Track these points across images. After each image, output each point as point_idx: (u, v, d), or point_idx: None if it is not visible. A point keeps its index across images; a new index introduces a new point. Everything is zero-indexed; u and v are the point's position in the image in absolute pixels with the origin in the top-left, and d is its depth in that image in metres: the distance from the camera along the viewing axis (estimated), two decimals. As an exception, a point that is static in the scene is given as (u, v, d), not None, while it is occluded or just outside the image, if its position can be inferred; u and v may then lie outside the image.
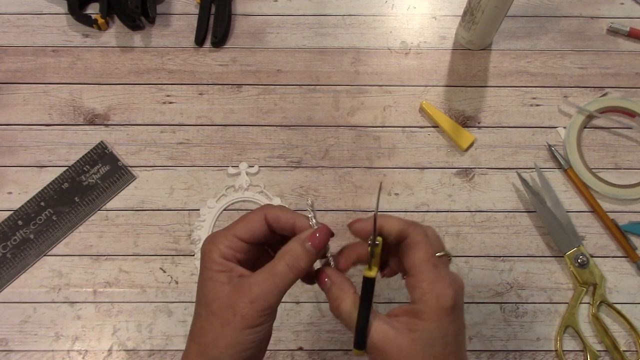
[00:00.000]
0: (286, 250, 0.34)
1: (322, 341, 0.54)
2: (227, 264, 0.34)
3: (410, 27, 0.65)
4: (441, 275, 0.32)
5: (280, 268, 0.33)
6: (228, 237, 0.34)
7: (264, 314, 0.32)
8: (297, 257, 0.33)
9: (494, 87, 0.62)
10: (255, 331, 0.32)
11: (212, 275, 0.33)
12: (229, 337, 0.32)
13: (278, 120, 0.61)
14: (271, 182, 0.59)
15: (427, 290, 0.32)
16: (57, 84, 0.62)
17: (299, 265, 0.33)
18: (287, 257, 0.33)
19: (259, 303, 0.32)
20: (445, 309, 0.31)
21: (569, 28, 0.65)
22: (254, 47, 0.64)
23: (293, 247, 0.34)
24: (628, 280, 0.56)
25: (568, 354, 0.53)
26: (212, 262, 0.34)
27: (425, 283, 0.32)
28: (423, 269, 0.32)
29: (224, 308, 0.32)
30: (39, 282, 0.55)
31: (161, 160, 0.59)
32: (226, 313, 0.32)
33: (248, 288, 0.32)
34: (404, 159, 0.59)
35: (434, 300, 0.31)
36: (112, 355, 0.53)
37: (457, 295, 0.32)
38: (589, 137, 0.60)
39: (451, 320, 0.32)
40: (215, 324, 0.32)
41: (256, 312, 0.32)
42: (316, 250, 0.34)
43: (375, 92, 0.62)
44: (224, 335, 0.32)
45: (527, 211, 0.58)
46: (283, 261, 0.33)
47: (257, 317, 0.32)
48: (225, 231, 0.35)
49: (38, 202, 0.57)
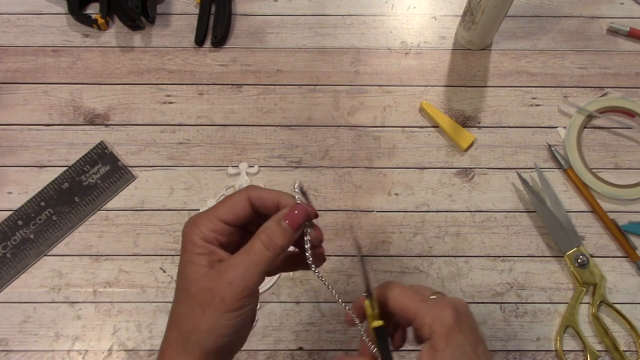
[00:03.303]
0: (263, 229, 0.33)
1: (322, 341, 0.54)
2: (208, 246, 0.33)
3: (410, 27, 0.65)
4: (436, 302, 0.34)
5: (257, 247, 0.32)
6: (210, 219, 0.33)
7: (243, 296, 0.31)
8: (272, 235, 0.32)
9: (494, 87, 0.62)
10: (237, 315, 0.32)
11: (192, 258, 0.33)
12: (210, 321, 0.31)
13: (278, 120, 0.61)
14: (271, 182, 0.59)
15: (431, 321, 0.33)
16: (57, 84, 0.62)
17: (275, 244, 0.32)
18: (263, 235, 0.33)
19: (238, 284, 0.31)
20: (452, 327, 0.32)
21: (569, 28, 0.65)
22: (254, 47, 0.64)
23: (269, 226, 0.33)
24: (628, 280, 0.56)
25: (568, 354, 0.53)
26: (192, 245, 0.33)
27: (427, 317, 0.33)
28: (419, 308, 0.34)
29: (203, 291, 0.32)
30: (39, 282, 0.55)
31: (161, 160, 0.59)
32: (205, 296, 0.31)
33: (226, 270, 0.32)
34: (404, 159, 0.59)
35: (439, 324, 0.32)
36: (112, 355, 0.53)
37: (457, 312, 0.33)
38: (589, 137, 0.60)
39: (462, 335, 0.32)
40: (195, 309, 0.32)
41: (235, 294, 0.31)
42: (292, 228, 0.33)
43: (375, 92, 0.62)
44: (204, 320, 0.31)
45: (527, 211, 0.58)
46: (259, 240, 0.32)
47: (237, 299, 0.31)
48: (207, 213, 0.34)
49: (38, 202, 0.57)
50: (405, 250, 0.56)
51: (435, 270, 0.56)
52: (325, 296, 0.55)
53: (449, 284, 0.55)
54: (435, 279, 0.56)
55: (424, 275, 0.56)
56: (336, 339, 0.54)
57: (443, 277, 0.56)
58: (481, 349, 0.33)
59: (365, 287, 0.35)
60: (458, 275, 0.56)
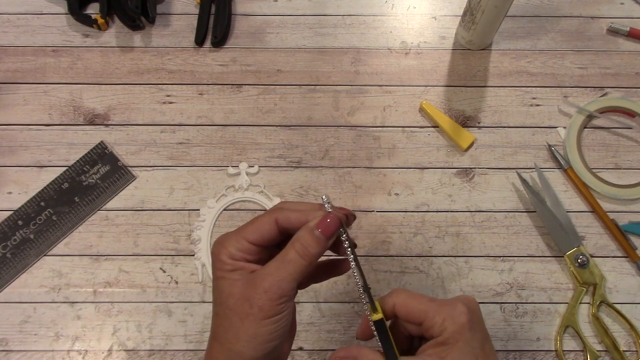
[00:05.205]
0: (296, 238, 0.34)
1: (322, 341, 0.54)
2: (237, 263, 0.34)
3: (410, 27, 0.65)
4: (447, 301, 0.34)
5: (291, 256, 0.33)
6: (237, 239, 0.34)
7: (280, 302, 0.32)
8: (306, 244, 0.33)
9: (494, 87, 0.62)
10: (274, 321, 0.32)
11: (224, 275, 0.34)
12: (250, 330, 0.32)
13: (278, 120, 0.61)
14: (271, 182, 0.59)
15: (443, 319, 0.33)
16: (57, 84, 0.62)
17: (309, 252, 0.33)
18: (297, 244, 0.33)
19: (274, 292, 0.32)
20: (464, 325, 0.33)
21: (569, 28, 0.65)
22: (254, 47, 0.64)
23: (302, 235, 0.34)
24: (628, 280, 0.56)
25: (568, 354, 0.53)
26: (221, 263, 0.34)
27: (438, 316, 0.33)
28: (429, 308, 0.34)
29: (240, 302, 0.33)
30: (39, 282, 0.55)
31: (161, 160, 0.59)
32: (243, 306, 0.32)
33: (261, 279, 0.33)
34: (404, 159, 0.59)
35: (451, 322, 0.33)
36: (112, 355, 0.53)
37: (469, 309, 0.34)
38: (589, 137, 0.60)
39: (473, 333, 0.33)
40: (234, 319, 0.33)
41: (272, 301, 0.32)
42: (325, 236, 0.34)
43: (375, 92, 0.62)
44: (244, 329, 0.32)
45: (527, 211, 0.58)
46: (293, 249, 0.33)
47: (274, 305, 0.32)
48: (235, 233, 0.35)
49: (38, 202, 0.57)
50: (405, 250, 0.56)
51: (435, 270, 0.56)
52: (325, 296, 0.55)
53: (449, 284, 0.55)
54: (435, 279, 0.56)
55: (424, 275, 0.56)
56: (336, 339, 0.54)
57: (443, 277, 0.56)
58: (488, 346, 0.34)
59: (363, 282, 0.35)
60: (458, 275, 0.56)
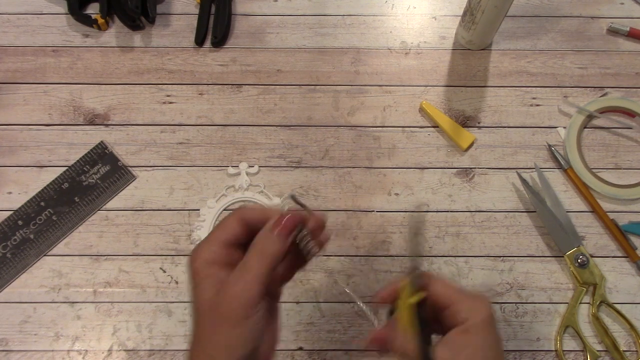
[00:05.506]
0: (255, 242, 0.35)
1: (322, 341, 0.54)
2: (209, 271, 0.35)
3: (410, 27, 0.65)
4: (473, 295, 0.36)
5: (252, 260, 0.34)
6: (209, 243, 0.35)
7: (247, 308, 0.33)
8: (265, 245, 0.34)
9: (494, 87, 0.62)
10: (245, 325, 0.33)
11: (197, 283, 0.35)
12: (222, 338, 0.33)
13: (278, 120, 0.61)
14: (271, 182, 0.59)
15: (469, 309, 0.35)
16: (57, 84, 0.62)
17: (268, 252, 0.34)
18: (256, 247, 0.34)
19: (239, 299, 0.33)
20: (488, 319, 0.35)
21: (569, 28, 0.65)
22: (254, 47, 0.64)
23: (260, 237, 0.35)
24: (628, 280, 0.56)
25: (568, 354, 0.53)
26: (195, 272, 0.35)
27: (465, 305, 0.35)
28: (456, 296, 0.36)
29: (210, 311, 0.33)
30: (39, 282, 0.55)
31: (161, 160, 0.59)
32: (213, 316, 0.33)
33: (227, 287, 0.33)
34: (404, 159, 0.59)
35: (477, 313, 0.35)
36: (112, 355, 0.53)
37: (491, 307, 0.36)
38: (589, 137, 0.60)
39: (493, 329, 0.35)
40: (207, 327, 0.33)
41: (240, 308, 0.32)
42: (282, 235, 0.35)
43: (375, 92, 0.62)
44: (216, 337, 0.33)
45: (527, 211, 0.58)
46: (253, 252, 0.34)
47: (242, 313, 0.33)
48: (206, 238, 0.36)
49: (38, 202, 0.57)
50: (405, 250, 0.56)
51: (435, 270, 0.56)
52: (325, 296, 0.55)
53: (449, 284, 0.55)
54: (435, 279, 0.56)
55: (424, 275, 0.56)
56: (336, 339, 0.54)
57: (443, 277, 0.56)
58: (501, 348, 0.36)
59: (413, 265, 0.37)
60: (458, 275, 0.56)
